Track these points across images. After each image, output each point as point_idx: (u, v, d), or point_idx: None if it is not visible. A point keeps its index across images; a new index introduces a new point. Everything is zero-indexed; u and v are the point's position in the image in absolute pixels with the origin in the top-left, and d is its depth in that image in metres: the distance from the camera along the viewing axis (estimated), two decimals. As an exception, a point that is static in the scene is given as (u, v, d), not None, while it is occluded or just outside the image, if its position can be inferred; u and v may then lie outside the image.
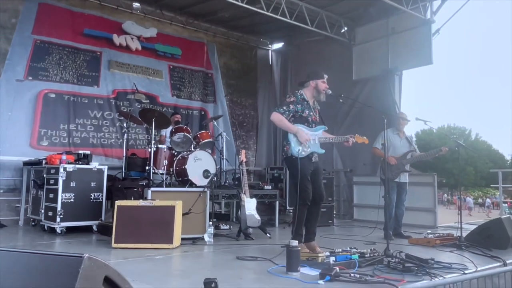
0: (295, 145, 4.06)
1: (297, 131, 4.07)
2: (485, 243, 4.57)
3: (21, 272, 1.86)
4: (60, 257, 1.84)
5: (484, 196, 43.32)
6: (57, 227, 5.20)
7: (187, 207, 4.92)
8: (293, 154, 4.04)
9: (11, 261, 1.92)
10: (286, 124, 4.11)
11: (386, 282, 2.82)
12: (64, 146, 7.03)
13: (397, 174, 5.59)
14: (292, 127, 4.09)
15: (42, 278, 1.80)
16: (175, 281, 3.17)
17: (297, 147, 4.04)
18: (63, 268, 1.78)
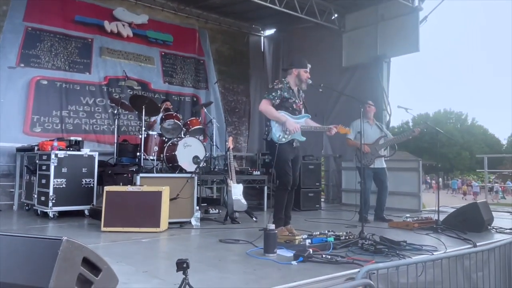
0: (276, 130, 4.17)
1: (286, 120, 4.17)
2: (461, 226, 4.74)
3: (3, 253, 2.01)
4: (41, 240, 2.01)
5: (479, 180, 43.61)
6: (49, 212, 5.38)
7: (175, 192, 5.09)
8: (273, 139, 4.17)
9: (-3, 244, 2.06)
10: (274, 114, 4.19)
11: (354, 263, 3.00)
12: (57, 132, 7.15)
13: (372, 160, 5.76)
14: (281, 117, 4.17)
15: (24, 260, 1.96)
16: (157, 262, 3.35)
17: (278, 133, 4.17)
18: (43, 250, 1.95)
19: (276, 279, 2.65)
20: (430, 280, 3.16)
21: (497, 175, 34.16)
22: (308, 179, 7.24)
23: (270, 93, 4.25)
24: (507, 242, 3.87)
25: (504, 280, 3.86)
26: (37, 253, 1.95)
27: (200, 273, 2.29)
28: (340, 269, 2.90)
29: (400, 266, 2.86)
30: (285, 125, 4.14)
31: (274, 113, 4.17)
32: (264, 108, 4.20)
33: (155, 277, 2.70)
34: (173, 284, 2.37)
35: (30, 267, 1.92)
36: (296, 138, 4.29)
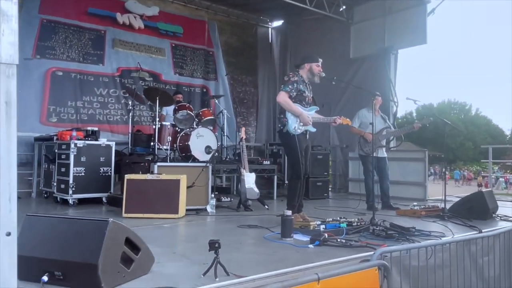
0: (292, 122, 4.37)
1: (301, 113, 4.36)
2: (467, 214, 4.92)
3: (56, 233, 2.22)
4: (89, 221, 2.22)
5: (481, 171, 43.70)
6: (69, 199, 5.59)
7: (191, 181, 5.28)
8: (289, 131, 4.36)
9: (47, 225, 2.28)
10: (291, 107, 4.36)
11: (367, 246, 3.19)
12: (72, 122, 7.34)
13: (375, 149, 5.95)
14: (296, 110, 4.36)
15: (75, 239, 2.17)
16: (182, 244, 3.56)
17: (293, 125, 4.36)
18: (92, 230, 2.15)
19: (295, 260, 2.84)
20: (439, 264, 3.34)
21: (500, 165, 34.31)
22: (316, 169, 7.43)
23: (287, 85, 4.41)
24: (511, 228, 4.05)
25: (508, 264, 4.05)
26: (86, 233, 2.15)
27: (225, 254, 2.47)
28: (354, 252, 3.10)
29: (412, 249, 3.05)
30: (300, 117, 4.32)
31: (291, 106, 4.35)
32: (282, 100, 4.36)
33: (184, 257, 2.91)
34: (202, 263, 2.57)
35: (80, 246, 2.12)
36: (309, 129, 4.48)
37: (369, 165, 5.88)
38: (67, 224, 2.24)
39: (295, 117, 4.36)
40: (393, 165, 6.57)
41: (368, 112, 6.19)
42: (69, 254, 2.12)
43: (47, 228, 2.24)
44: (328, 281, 2.27)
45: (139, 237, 2.34)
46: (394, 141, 6.94)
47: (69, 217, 2.32)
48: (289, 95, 4.38)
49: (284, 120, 4.40)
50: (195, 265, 2.64)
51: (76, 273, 2.10)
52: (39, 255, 2.14)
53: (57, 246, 2.17)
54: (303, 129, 4.41)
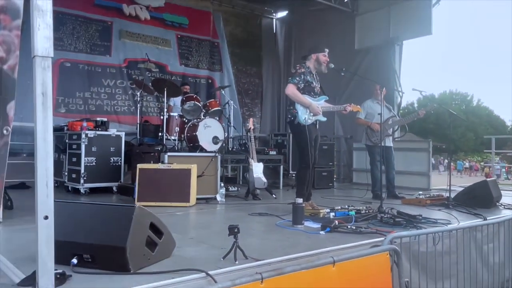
0: (302, 113, 4.47)
1: (310, 104, 4.46)
2: (471, 203, 5.01)
3: (84, 218, 2.33)
4: (117, 207, 2.33)
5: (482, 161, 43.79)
6: (81, 188, 5.70)
7: (200, 170, 5.39)
8: (300, 122, 4.46)
9: (74, 210, 2.39)
10: (300, 98, 4.46)
11: (377, 232, 3.30)
12: (81, 113, 7.44)
13: (382, 139, 6.05)
14: (305, 101, 4.46)
15: (102, 223, 2.28)
16: (198, 231, 3.67)
17: (304, 116, 4.46)
18: (119, 215, 2.26)
19: (309, 245, 2.95)
20: (446, 250, 3.44)
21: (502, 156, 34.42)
22: (322, 159, 7.51)
23: (294, 77, 4.50)
24: (515, 216, 4.16)
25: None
26: (113, 218, 2.26)
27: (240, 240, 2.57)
28: (364, 238, 3.20)
29: (420, 235, 3.16)
30: (310, 108, 4.42)
31: (300, 97, 4.44)
32: (291, 92, 4.45)
33: (202, 242, 3.02)
34: (220, 248, 2.68)
35: (108, 230, 2.23)
36: (319, 119, 4.58)
37: (376, 155, 5.99)
38: (94, 209, 2.35)
39: (305, 108, 4.45)
40: (397, 155, 6.65)
41: (373, 102, 6.30)
42: (97, 238, 2.22)
43: (74, 213, 2.35)
44: (343, 264, 2.38)
45: (162, 223, 2.44)
46: (398, 132, 7.03)
47: (96, 203, 2.42)
48: (297, 87, 4.46)
49: (294, 111, 4.49)
50: (213, 249, 2.76)
51: (104, 255, 2.20)
52: (68, 239, 2.24)
53: (85, 230, 2.28)
54: (313, 119, 4.51)
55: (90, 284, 2.05)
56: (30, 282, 1.97)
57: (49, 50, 1.82)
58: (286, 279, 2.11)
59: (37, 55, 1.81)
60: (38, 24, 1.79)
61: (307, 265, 2.28)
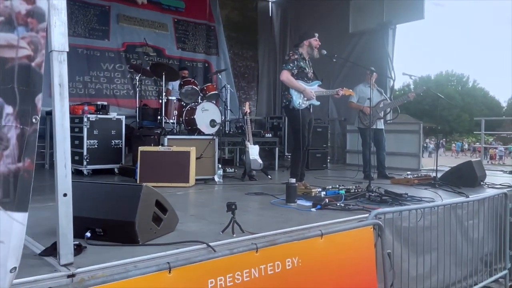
0: (296, 98, 4.69)
1: (304, 89, 4.68)
2: (457, 182, 5.27)
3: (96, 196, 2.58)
4: (126, 186, 2.57)
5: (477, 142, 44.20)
6: (84, 170, 5.94)
7: (199, 152, 5.62)
8: (294, 106, 4.68)
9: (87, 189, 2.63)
10: (294, 84, 4.69)
11: (364, 209, 3.57)
12: (81, 96, 7.61)
13: (374, 121, 6.30)
14: (300, 86, 4.69)
15: (113, 201, 2.53)
16: (197, 208, 3.94)
17: (298, 100, 4.69)
18: (128, 193, 2.51)
19: (300, 221, 3.21)
20: (428, 225, 3.71)
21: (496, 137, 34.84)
22: (316, 141, 7.74)
23: (288, 64, 4.71)
24: (496, 194, 4.43)
25: (492, 227, 4.44)
26: (123, 196, 2.50)
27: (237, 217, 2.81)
28: (352, 214, 3.47)
29: (403, 212, 3.42)
30: (304, 93, 4.64)
31: (294, 83, 4.66)
32: (285, 78, 4.66)
33: (202, 218, 3.28)
34: (219, 223, 2.93)
35: (118, 207, 2.48)
36: (313, 103, 4.81)
37: (367, 137, 6.24)
38: (106, 188, 2.59)
39: (299, 93, 4.67)
40: (389, 137, 6.90)
41: (365, 86, 6.52)
42: (108, 214, 2.46)
43: (88, 192, 2.58)
44: (330, 237, 2.64)
45: (166, 200, 2.69)
46: (390, 114, 7.27)
47: (107, 183, 2.66)
48: (291, 73, 4.67)
49: (288, 96, 4.72)
50: (213, 224, 3.01)
51: (115, 229, 2.45)
52: (82, 215, 2.48)
53: (97, 207, 2.52)
54: (307, 104, 4.74)
55: (104, 254, 2.30)
56: (51, 252, 2.22)
57: (64, 45, 2.03)
58: (279, 249, 2.36)
59: (54, 49, 2.01)
60: (54, 22, 1.99)
61: (297, 236, 2.54)
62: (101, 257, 2.24)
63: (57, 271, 2.01)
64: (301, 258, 2.44)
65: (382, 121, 6.53)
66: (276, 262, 2.32)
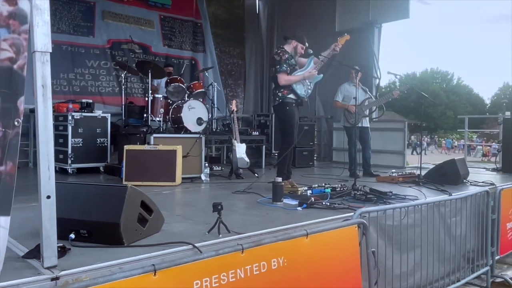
0: (300, 89, 4.75)
1: (303, 75, 4.74)
2: (440, 180, 5.36)
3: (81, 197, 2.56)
4: (111, 187, 2.55)
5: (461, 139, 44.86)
6: (68, 168, 5.88)
7: (185, 151, 5.61)
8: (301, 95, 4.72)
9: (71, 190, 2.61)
10: (295, 79, 4.73)
11: (349, 208, 3.61)
12: (65, 94, 7.51)
13: (359, 120, 6.37)
14: (299, 77, 4.74)
15: (98, 202, 2.51)
16: (184, 208, 3.93)
17: (302, 90, 4.74)
18: (113, 194, 2.49)
19: (286, 220, 3.23)
20: (411, 223, 3.77)
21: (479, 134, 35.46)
22: (303, 139, 7.77)
23: (282, 65, 4.72)
24: (478, 192, 4.51)
25: (474, 224, 4.52)
26: (108, 197, 2.49)
27: (223, 216, 2.81)
28: (337, 213, 3.50)
29: (387, 210, 3.47)
30: (306, 79, 4.71)
31: (294, 78, 4.73)
32: (284, 80, 4.72)
33: (188, 219, 3.27)
34: (205, 223, 2.94)
35: (103, 208, 2.46)
36: (317, 80, 4.89)
37: (353, 136, 6.30)
38: (90, 189, 2.57)
39: (300, 82, 4.70)
40: (374, 135, 6.97)
41: (350, 85, 6.57)
42: (93, 215, 2.45)
43: (71, 193, 2.56)
44: (315, 236, 2.66)
45: (152, 201, 2.68)
46: (376, 112, 7.34)
47: (91, 184, 2.64)
48: (287, 74, 4.70)
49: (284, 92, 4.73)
50: (199, 224, 3.01)
51: (99, 231, 2.43)
52: (66, 216, 2.45)
53: (81, 208, 2.50)
54: (311, 87, 4.81)
55: (88, 256, 2.28)
56: (35, 254, 2.20)
57: (47, 45, 2.01)
58: (264, 249, 2.38)
59: (37, 50, 1.99)
60: (37, 22, 1.97)
61: (283, 236, 2.56)
62: (86, 259, 2.22)
63: (40, 274, 1.99)
64: (286, 258, 2.46)
65: (367, 119, 6.59)
66: (261, 263, 2.34)
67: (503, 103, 22.51)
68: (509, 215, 5.03)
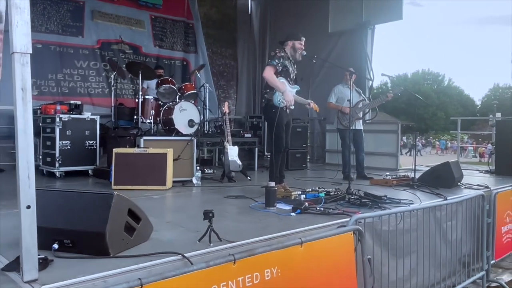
0: (277, 95, 4.61)
1: (285, 91, 4.59)
2: (434, 183, 5.29)
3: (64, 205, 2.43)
4: (95, 194, 2.43)
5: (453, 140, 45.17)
6: (56, 172, 5.73)
7: (176, 154, 5.48)
8: (274, 103, 4.59)
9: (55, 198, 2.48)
10: (276, 83, 4.59)
11: (344, 213, 3.52)
12: (54, 95, 7.35)
13: (353, 122, 6.30)
14: (281, 87, 4.58)
15: (82, 210, 2.39)
16: (174, 214, 3.81)
17: (279, 97, 4.61)
18: (98, 202, 2.37)
19: (280, 227, 3.13)
20: (407, 228, 3.69)
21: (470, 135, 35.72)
22: (295, 141, 7.70)
23: (273, 59, 4.61)
24: (473, 196, 4.45)
25: (470, 228, 4.47)
26: (93, 205, 2.37)
27: (215, 222, 2.70)
28: (332, 218, 3.40)
29: (383, 216, 3.39)
30: (284, 94, 4.55)
31: (276, 82, 4.57)
32: (268, 75, 4.57)
33: (178, 226, 3.16)
34: (196, 231, 2.83)
35: (88, 216, 2.34)
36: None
37: (346, 138, 6.22)
38: (74, 197, 2.45)
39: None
40: (367, 137, 6.91)
41: (343, 87, 6.51)
42: (77, 224, 2.33)
43: (55, 200, 2.44)
44: (309, 244, 2.57)
45: (140, 208, 2.57)
46: (369, 114, 7.27)
47: (75, 191, 2.52)
48: (276, 69, 4.59)
49: (270, 94, 4.62)
50: (189, 232, 2.90)
51: (84, 241, 2.32)
52: (49, 225, 2.34)
53: (65, 217, 2.38)
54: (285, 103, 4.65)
55: (71, 268, 2.17)
56: (14, 267, 2.08)
57: (27, 46, 1.90)
58: (257, 259, 2.28)
59: (16, 51, 1.88)
60: (16, 22, 1.85)
61: (277, 246, 2.45)
62: (69, 271, 2.11)
63: (19, 288, 1.87)
64: (280, 268, 2.37)
65: (361, 121, 6.53)
66: (254, 273, 2.24)
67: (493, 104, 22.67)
68: (504, 219, 4.99)
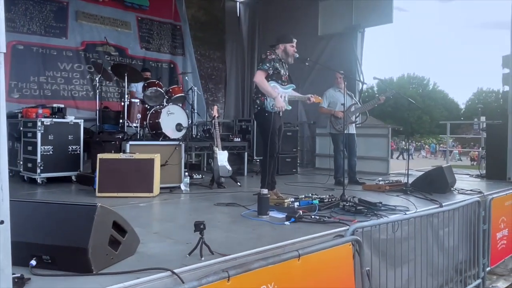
0: (269, 100, 4.46)
1: (276, 97, 4.43)
2: (428, 188, 5.19)
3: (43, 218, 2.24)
4: (77, 206, 2.25)
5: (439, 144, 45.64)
6: (37, 178, 5.49)
7: (164, 159, 5.30)
8: (267, 108, 4.44)
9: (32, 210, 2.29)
10: (267, 89, 4.43)
11: (340, 222, 3.38)
12: (36, 98, 7.09)
13: (346, 125, 6.19)
14: (272, 92, 4.42)
15: (62, 223, 2.20)
16: (162, 224, 3.63)
17: (271, 102, 4.46)
18: (80, 215, 2.19)
19: (274, 237, 2.98)
20: (404, 236, 3.58)
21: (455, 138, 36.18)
22: (285, 145, 7.57)
23: (264, 64, 4.47)
24: (469, 203, 4.37)
25: (465, 234, 4.38)
26: (74, 218, 2.18)
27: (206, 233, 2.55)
28: (328, 228, 3.26)
29: (381, 224, 3.26)
30: (274, 101, 4.41)
31: (267, 87, 4.41)
32: (259, 80, 4.42)
33: (166, 237, 2.98)
34: (186, 242, 2.66)
35: (69, 230, 2.16)
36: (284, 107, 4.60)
37: (339, 143, 6.10)
38: (54, 209, 2.26)
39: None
40: (358, 141, 6.81)
41: (335, 91, 6.40)
42: (57, 239, 2.14)
43: (32, 213, 2.25)
44: (307, 257, 2.42)
45: (125, 220, 2.39)
46: (360, 118, 7.17)
47: (55, 202, 2.33)
48: (267, 74, 4.45)
49: (262, 99, 4.47)
50: (178, 244, 2.73)
51: (64, 257, 2.13)
52: (26, 240, 2.15)
53: (44, 230, 2.19)
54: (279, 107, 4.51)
55: (51, 287, 1.99)
56: (-13, 288, 1.89)
57: (1, 45, 1.71)
58: (252, 275, 2.12)
59: (-13, 50, 1.69)
60: (-13, 17, 1.67)
61: (274, 259, 2.29)
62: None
63: (-9, 313, 1.68)
64: (277, 284, 2.22)
65: (353, 125, 6.42)
66: (250, 291, 2.08)
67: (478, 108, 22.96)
68: (499, 225, 4.91)
